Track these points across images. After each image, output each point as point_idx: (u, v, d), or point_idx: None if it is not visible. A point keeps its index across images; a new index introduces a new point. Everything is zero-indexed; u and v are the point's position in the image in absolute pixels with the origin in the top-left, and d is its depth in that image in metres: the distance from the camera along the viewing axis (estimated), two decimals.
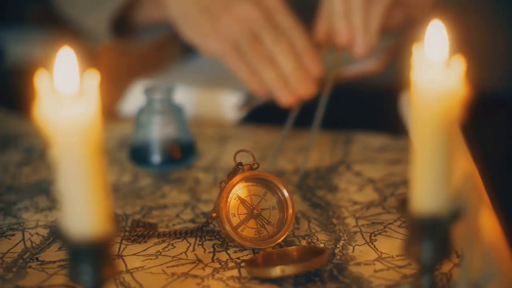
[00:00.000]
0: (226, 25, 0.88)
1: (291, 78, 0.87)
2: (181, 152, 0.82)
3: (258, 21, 0.87)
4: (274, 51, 0.87)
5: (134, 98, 0.98)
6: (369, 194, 0.75)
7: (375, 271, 0.61)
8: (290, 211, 0.65)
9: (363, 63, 0.94)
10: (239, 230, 0.64)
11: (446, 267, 0.60)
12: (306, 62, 0.88)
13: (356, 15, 0.87)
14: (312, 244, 0.66)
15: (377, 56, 0.94)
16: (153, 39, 1.06)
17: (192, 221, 0.71)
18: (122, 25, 1.02)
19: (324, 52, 0.91)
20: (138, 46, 1.04)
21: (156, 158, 0.81)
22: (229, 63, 0.89)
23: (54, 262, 0.63)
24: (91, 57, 1.10)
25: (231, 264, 0.62)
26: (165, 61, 1.12)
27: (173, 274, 0.61)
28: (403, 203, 0.51)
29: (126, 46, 1.03)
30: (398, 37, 0.99)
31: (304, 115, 0.91)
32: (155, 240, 0.67)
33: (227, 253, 0.64)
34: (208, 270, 0.62)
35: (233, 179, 0.65)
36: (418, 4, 0.91)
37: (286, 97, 0.87)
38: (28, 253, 0.64)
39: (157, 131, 0.81)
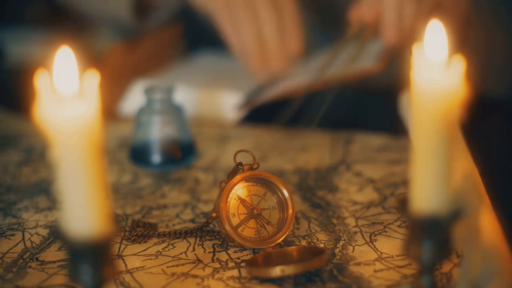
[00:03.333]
0: None
1: (268, 45, 0.92)
2: (181, 152, 0.82)
3: None
4: (262, 19, 0.93)
5: (134, 98, 0.99)
6: (369, 194, 0.75)
7: (375, 271, 0.61)
8: (290, 211, 0.65)
9: (363, 62, 0.94)
10: (239, 230, 0.64)
11: (446, 267, 0.60)
12: (288, 38, 0.93)
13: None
14: (312, 244, 0.66)
15: (378, 56, 0.94)
16: (164, 17, 1.11)
17: (192, 221, 0.71)
18: (140, 5, 1.07)
19: (352, 35, 0.93)
20: (150, 26, 1.08)
21: (156, 158, 0.81)
22: (218, 16, 0.95)
23: (54, 262, 0.63)
24: (94, 58, 1.10)
25: (231, 264, 0.62)
26: (166, 61, 1.12)
27: (173, 274, 0.61)
28: (403, 203, 0.51)
29: (142, 26, 1.08)
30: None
31: (303, 115, 0.91)
32: (155, 240, 0.67)
33: (227, 253, 0.64)
34: (208, 270, 0.62)
35: (233, 179, 0.65)
36: (452, 10, 0.92)
37: (255, 63, 0.93)
38: (28, 253, 0.64)
39: (157, 131, 0.81)
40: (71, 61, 0.47)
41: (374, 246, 0.64)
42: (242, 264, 0.62)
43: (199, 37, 1.18)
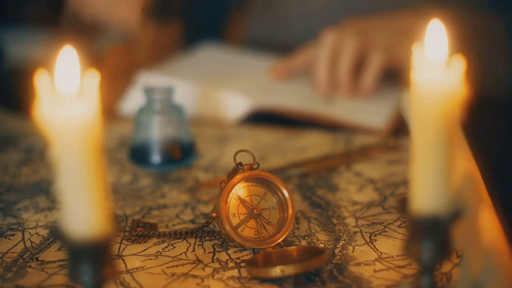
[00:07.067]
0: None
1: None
2: (181, 152, 0.82)
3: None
4: None
5: (134, 98, 0.98)
6: (369, 194, 0.75)
7: (375, 271, 0.61)
8: (290, 211, 0.65)
9: (371, 119, 0.96)
10: (239, 230, 0.64)
11: (446, 267, 0.60)
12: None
13: None
14: (312, 244, 0.66)
15: (386, 119, 0.96)
16: None
17: (192, 221, 0.71)
18: None
19: None
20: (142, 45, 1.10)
21: (156, 158, 0.81)
22: None
23: (54, 262, 0.63)
24: (94, 58, 1.10)
25: (231, 264, 0.62)
26: (167, 60, 1.12)
27: (173, 274, 0.61)
28: (403, 203, 0.51)
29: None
30: None
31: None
32: (155, 240, 0.67)
33: (227, 253, 0.64)
34: (208, 270, 0.62)
35: (233, 179, 0.65)
36: None
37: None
38: (28, 253, 0.64)
39: (157, 131, 0.81)
40: (72, 61, 0.47)
41: (374, 246, 0.64)
42: (242, 264, 0.62)
43: (199, 36, 1.18)
